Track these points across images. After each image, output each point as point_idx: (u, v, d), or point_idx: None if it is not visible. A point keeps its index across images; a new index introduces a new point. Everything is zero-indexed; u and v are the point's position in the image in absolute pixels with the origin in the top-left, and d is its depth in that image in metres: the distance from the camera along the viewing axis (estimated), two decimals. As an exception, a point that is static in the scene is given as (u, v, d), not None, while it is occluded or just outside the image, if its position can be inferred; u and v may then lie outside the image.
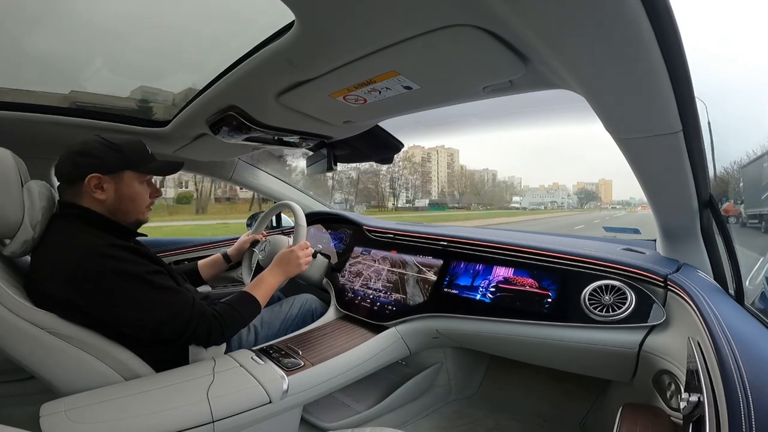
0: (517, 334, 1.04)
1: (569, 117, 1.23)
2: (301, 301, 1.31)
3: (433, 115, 1.02)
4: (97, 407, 0.75)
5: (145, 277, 0.82)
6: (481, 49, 0.60)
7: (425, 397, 1.40)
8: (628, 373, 0.94)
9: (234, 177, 1.84)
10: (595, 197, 72.89)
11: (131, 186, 0.91)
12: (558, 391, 1.36)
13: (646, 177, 0.84)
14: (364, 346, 1.14)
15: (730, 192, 3.46)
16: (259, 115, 0.99)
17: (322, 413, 1.21)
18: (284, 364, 0.97)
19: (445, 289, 1.22)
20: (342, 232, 1.74)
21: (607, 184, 79.54)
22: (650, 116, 0.63)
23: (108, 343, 0.82)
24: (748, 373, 0.49)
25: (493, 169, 67.77)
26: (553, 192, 67.82)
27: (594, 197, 72.61)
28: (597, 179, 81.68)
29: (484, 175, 60.26)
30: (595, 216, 36.94)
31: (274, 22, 0.68)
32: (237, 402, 0.83)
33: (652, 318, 0.87)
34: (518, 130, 48.35)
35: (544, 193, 67.92)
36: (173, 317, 0.83)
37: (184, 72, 1.03)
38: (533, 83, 0.72)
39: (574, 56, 0.53)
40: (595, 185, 77.91)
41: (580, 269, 1.03)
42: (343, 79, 0.75)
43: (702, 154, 0.72)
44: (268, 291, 1.05)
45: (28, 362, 0.78)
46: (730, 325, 0.62)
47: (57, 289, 0.78)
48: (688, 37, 0.48)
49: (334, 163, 1.36)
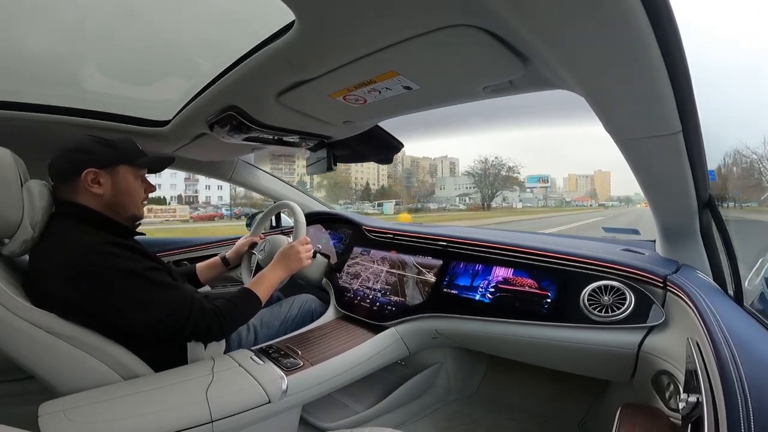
0: (517, 335, 1.04)
1: (569, 117, 1.23)
2: (301, 301, 1.31)
3: (433, 115, 1.02)
4: (95, 407, 0.75)
5: (144, 274, 0.82)
6: (481, 50, 0.60)
7: (424, 398, 1.40)
8: (627, 373, 0.94)
9: (234, 177, 1.84)
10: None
11: (127, 180, 0.92)
12: (557, 391, 1.36)
13: (646, 177, 0.84)
14: (364, 347, 1.14)
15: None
16: (259, 114, 0.99)
17: (322, 413, 1.21)
18: (283, 364, 0.97)
19: (444, 290, 1.22)
20: (341, 232, 1.74)
21: (604, 176, 72.39)
22: (650, 117, 0.63)
23: (107, 343, 0.82)
24: (746, 374, 0.49)
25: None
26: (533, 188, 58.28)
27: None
28: (592, 171, 73.50)
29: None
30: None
31: (274, 21, 0.68)
32: (236, 402, 0.83)
33: (651, 318, 0.88)
34: (518, 130, 47.37)
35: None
36: (172, 313, 0.83)
37: (184, 72, 1.03)
38: (533, 83, 0.72)
39: (574, 57, 0.53)
40: (590, 178, 70.88)
41: (580, 270, 1.03)
42: (343, 79, 0.75)
43: (702, 154, 0.72)
44: (269, 288, 1.05)
45: (27, 362, 0.78)
46: (729, 325, 0.62)
47: (56, 289, 0.78)
48: (687, 36, 0.48)
49: (334, 163, 1.36)
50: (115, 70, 1.07)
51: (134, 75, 1.10)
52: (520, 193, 54.57)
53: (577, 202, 62.20)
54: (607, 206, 58.99)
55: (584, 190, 68.79)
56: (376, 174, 46.21)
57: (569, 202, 62.01)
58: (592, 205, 60.99)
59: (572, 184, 69.62)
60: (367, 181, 44.95)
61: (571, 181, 69.80)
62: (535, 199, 55.57)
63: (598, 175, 69.74)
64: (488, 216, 33.10)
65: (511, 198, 53.05)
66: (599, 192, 68.56)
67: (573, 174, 71.29)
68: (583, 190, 68.81)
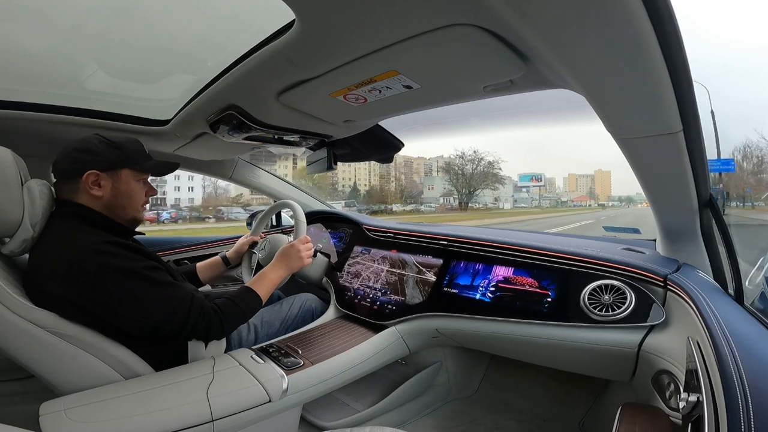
0: (517, 334, 1.04)
1: (569, 116, 1.23)
2: (301, 300, 1.31)
3: (433, 114, 1.02)
4: (96, 406, 0.75)
5: (143, 273, 0.82)
6: (481, 49, 0.60)
7: (425, 397, 1.40)
8: (628, 372, 0.94)
9: (234, 176, 1.84)
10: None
11: (128, 183, 0.92)
12: (557, 390, 1.36)
13: (647, 177, 0.84)
14: (364, 346, 1.14)
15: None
16: (259, 114, 0.99)
17: (322, 412, 1.21)
18: (284, 363, 0.97)
19: (444, 289, 1.22)
20: (342, 232, 1.74)
21: (605, 175, 70.43)
22: (651, 116, 0.63)
23: (107, 342, 0.82)
24: (747, 373, 0.49)
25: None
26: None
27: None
28: (592, 170, 71.19)
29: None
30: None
31: (274, 21, 0.68)
32: (236, 401, 0.83)
33: (651, 318, 0.87)
34: (519, 130, 45.52)
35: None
36: (172, 312, 0.83)
37: (184, 71, 1.03)
38: (534, 83, 0.72)
39: (575, 56, 0.53)
40: (590, 178, 68.68)
41: (580, 269, 1.03)
42: (343, 78, 0.75)
43: (702, 154, 0.72)
44: (270, 287, 1.05)
45: (28, 361, 0.78)
46: (729, 325, 0.62)
47: (56, 288, 0.78)
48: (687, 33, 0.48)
49: (334, 163, 1.36)
50: (115, 69, 1.07)
51: (135, 74, 1.10)
52: (514, 193, 52.02)
53: (575, 203, 60.78)
54: (606, 206, 56.55)
55: (584, 189, 67.31)
56: (367, 174, 44.52)
57: (565, 202, 59.61)
58: (591, 205, 59.55)
59: (572, 183, 68.40)
60: (355, 182, 42.96)
61: (571, 180, 68.43)
62: (529, 199, 52.45)
63: (599, 175, 68.35)
64: (458, 219, 27.31)
65: (504, 197, 49.35)
66: (600, 192, 66.90)
67: (573, 173, 69.92)
68: (583, 189, 67.38)
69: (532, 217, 29.06)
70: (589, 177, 70.12)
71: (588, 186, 69.49)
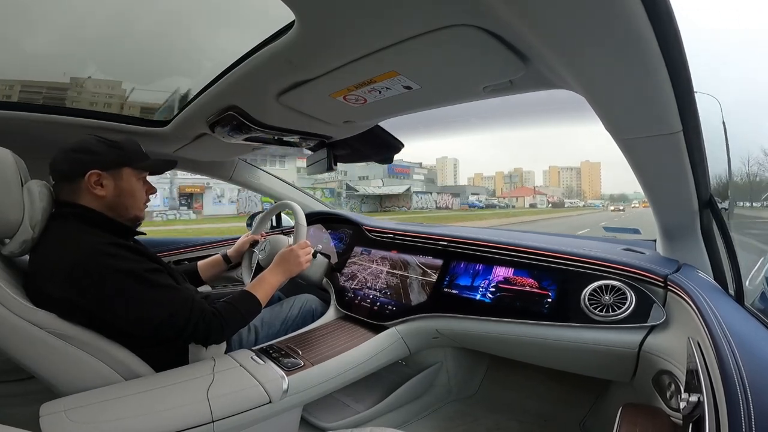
0: (517, 334, 1.04)
1: (569, 116, 1.23)
2: (302, 301, 1.31)
3: (434, 115, 1.02)
4: (97, 407, 0.75)
5: (144, 275, 0.82)
6: (481, 49, 0.60)
7: (425, 397, 1.40)
8: (628, 373, 0.94)
9: (234, 177, 1.84)
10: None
11: (130, 182, 0.92)
12: (558, 391, 1.36)
13: (647, 177, 0.84)
14: (364, 346, 1.14)
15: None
16: (259, 114, 0.99)
17: (322, 413, 1.21)
18: (284, 364, 0.97)
19: (445, 289, 1.22)
20: (342, 232, 1.74)
21: (594, 168, 59.41)
22: (650, 116, 0.63)
23: (108, 343, 0.82)
24: (748, 374, 0.49)
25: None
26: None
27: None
28: (578, 162, 60.72)
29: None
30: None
31: (274, 21, 0.68)
32: (237, 402, 0.83)
33: (652, 318, 0.87)
34: (519, 130, 45.25)
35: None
36: (173, 315, 0.83)
37: (184, 72, 1.03)
38: (533, 83, 0.72)
39: (575, 56, 0.53)
40: (576, 171, 59.27)
41: (580, 269, 1.03)
42: (343, 78, 0.75)
43: (702, 154, 0.72)
44: (269, 290, 1.05)
45: (28, 362, 0.78)
46: (730, 325, 0.62)
47: (56, 289, 0.78)
48: (689, 36, 0.48)
49: (334, 163, 1.36)
50: (115, 69, 1.07)
51: (135, 75, 1.10)
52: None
53: (504, 200, 47.43)
54: (580, 207, 45.07)
55: (573, 184, 60.00)
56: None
57: (493, 206, 48.43)
58: (541, 204, 45.09)
59: (554, 177, 61.12)
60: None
61: (552, 174, 60.76)
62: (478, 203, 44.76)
63: (586, 168, 59.67)
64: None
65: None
66: (587, 189, 59.51)
67: (555, 166, 62.26)
68: (573, 185, 60.30)
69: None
70: (574, 170, 63.14)
71: (572, 181, 62.76)
